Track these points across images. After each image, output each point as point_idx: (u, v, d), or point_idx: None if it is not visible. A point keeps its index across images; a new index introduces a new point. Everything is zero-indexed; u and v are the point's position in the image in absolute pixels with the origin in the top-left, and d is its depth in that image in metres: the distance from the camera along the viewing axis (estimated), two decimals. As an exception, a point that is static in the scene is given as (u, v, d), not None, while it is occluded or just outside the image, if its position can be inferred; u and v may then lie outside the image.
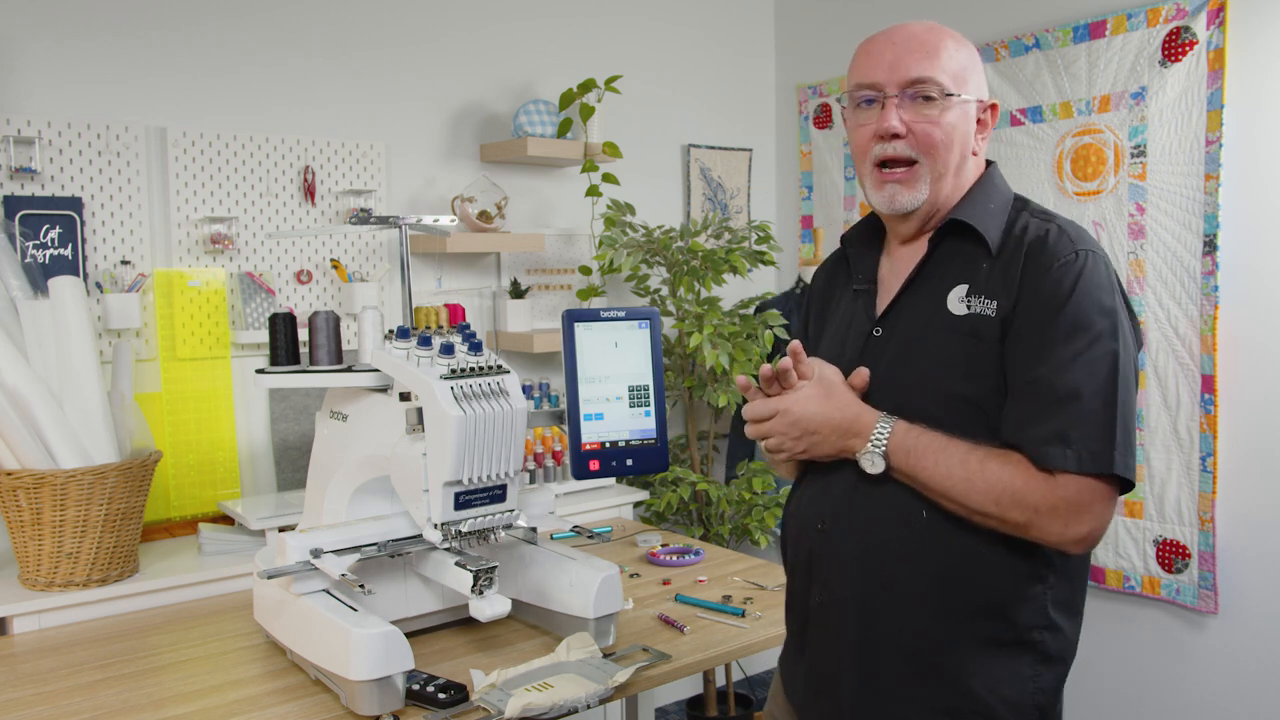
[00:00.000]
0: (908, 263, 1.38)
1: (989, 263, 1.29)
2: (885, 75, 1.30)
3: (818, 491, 1.39)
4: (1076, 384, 1.19)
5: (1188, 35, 2.64)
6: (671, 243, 3.06)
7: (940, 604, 1.28)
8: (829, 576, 1.36)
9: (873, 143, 1.32)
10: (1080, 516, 1.20)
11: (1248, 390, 2.62)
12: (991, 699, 1.27)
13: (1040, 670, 1.30)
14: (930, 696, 1.29)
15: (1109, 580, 2.90)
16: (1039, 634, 1.29)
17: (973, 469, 1.22)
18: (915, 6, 3.33)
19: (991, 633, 1.27)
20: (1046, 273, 1.23)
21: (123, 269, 2.47)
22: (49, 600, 2.04)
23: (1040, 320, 1.23)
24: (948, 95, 1.29)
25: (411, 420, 1.69)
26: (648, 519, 3.10)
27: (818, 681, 1.40)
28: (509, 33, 3.17)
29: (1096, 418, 1.19)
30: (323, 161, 2.79)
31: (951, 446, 1.24)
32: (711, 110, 3.69)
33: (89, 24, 2.46)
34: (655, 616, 1.98)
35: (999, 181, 1.39)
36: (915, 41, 1.30)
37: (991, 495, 1.21)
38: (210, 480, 2.60)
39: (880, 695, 1.31)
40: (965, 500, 1.23)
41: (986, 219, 1.32)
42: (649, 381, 1.54)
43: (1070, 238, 1.26)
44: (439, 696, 1.54)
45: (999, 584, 1.27)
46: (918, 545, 1.29)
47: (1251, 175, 2.58)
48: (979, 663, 1.27)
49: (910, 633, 1.29)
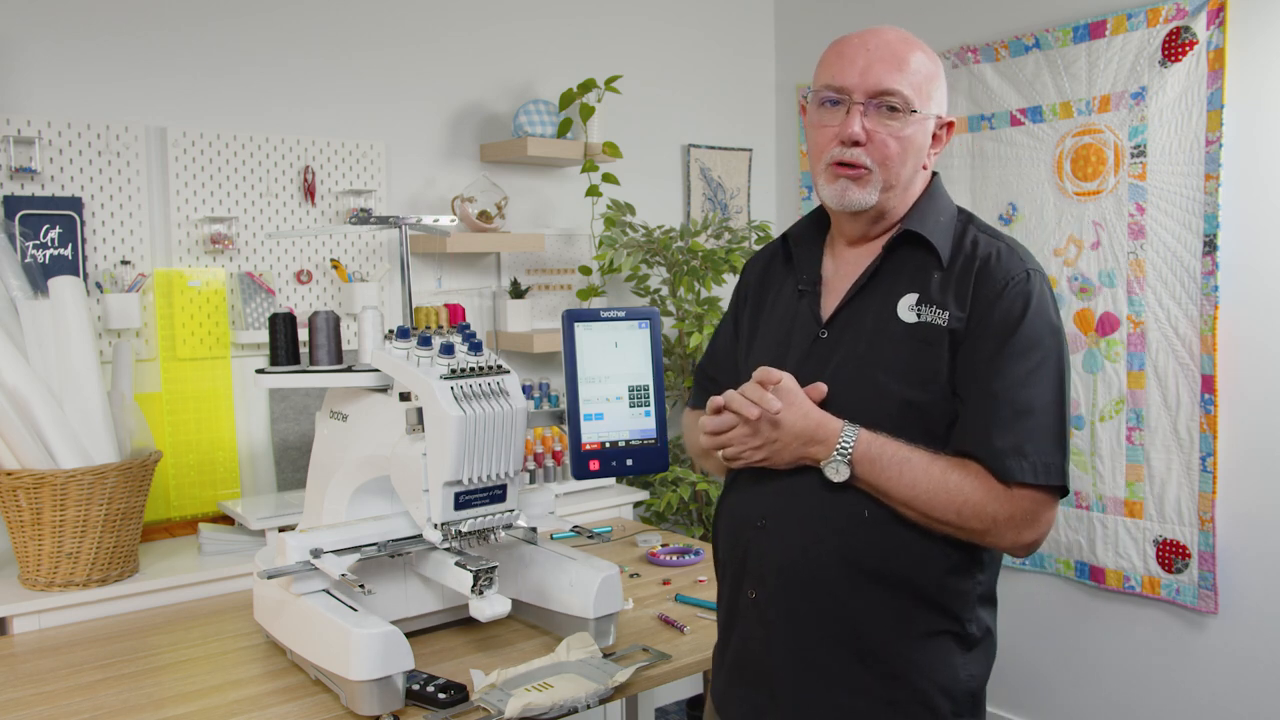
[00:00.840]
0: (854, 266, 1.40)
1: (940, 273, 1.33)
2: (855, 80, 1.32)
3: (755, 490, 1.40)
4: (1030, 400, 1.25)
5: (1188, 35, 2.64)
6: (671, 243, 3.06)
7: (879, 597, 1.31)
8: (764, 573, 1.37)
9: (832, 144, 1.34)
10: (1033, 525, 1.27)
11: (1248, 390, 2.62)
12: (929, 687, 1.32)
13: (968, 658, 1.35)
14: (870, 687, 1.31)
15: (1109, 580, 2.90)
16: (969, 625, 1.34)
17: (935, 480, 1.25)
18: (914, 6, 3.33)
19: (927, 624, 1.32)
20: (1002, 292, 1.29)
21: (123, 269, 2.47)
22: (49, 600, 2.04)
23: (996, 338, 1.28)
24: (911, 110, 1.31)
25: (411, 420, 1.69)
26: (648, 519, 3.10)
27: (749, 677, 1.40)
28: (509, 33, 3.17)
29: (1048, 432, 1.26)
30: (323, 161, 2.79)
31: (914, 457, 1.27)
32: (711, 110, 3.69)
33: (89, 24, 2.46)
34: (655, 616, 1.98)
35: (943, 193, 1.42)
36: (888, 50, 1.32)
37: (954, 506, 1.25)
38: (210, 480, 2.60)
39: (820, 688, 1.33)
40: (928, 510, 1.26)
41: (937, 231, 1.35)
42: (649, 381, 1.54)
43: (1019, 256, 1.33)
44: (439, 696, 1.54)
45: (934, 578, 1.32)
46: (858, 541, 1.31)
47: (1251, 175, 2.58)
48: (916, 653, 1.32)
49: (849, 626, 1.31)
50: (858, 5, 3.53)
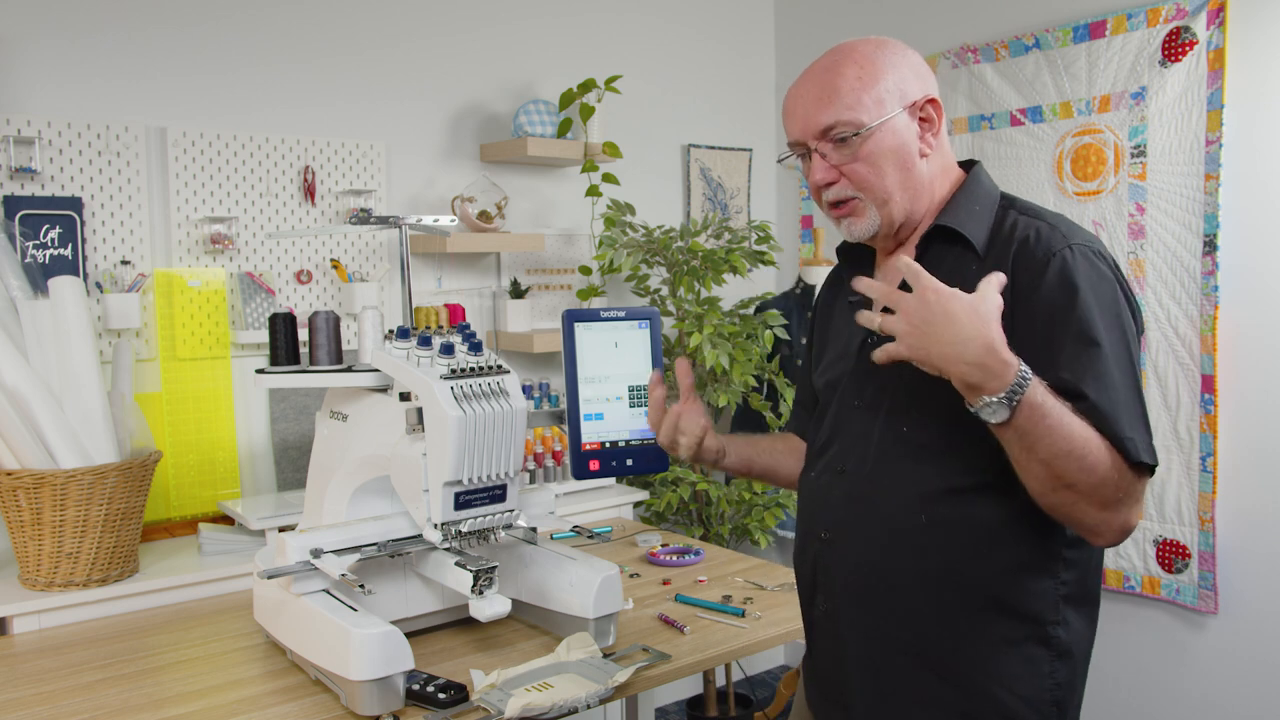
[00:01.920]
0: (896, 272, 1.38)
1: (978, 263, 1.29)
2: (801, 131, 1.33)
3: (817, 502, 1.39)
4: (1107, 386, 1.17)
5: (1188, 35, 2.64)
6: (671, 243, 3.06)
7: (947, 605, 1.27)
8: (833, 586, 1.36)
9: (819, 191, 1.36)
10: (1137, 505, 1.19)
11: (1248, 390, 2.62)
12: (1008, 697, 1.26)
13: (1056, 665, 1.28)
14: (946, 700, 1.28)
15: (1109, 580, 2.90)
16: (1051, 628, 1.27)
17: (1090, 438, 1.14)
18: (914, 6, 3.33)
19: (1002, 630, 1.26)
20: (1043, 272, 1.22)
21: (123, 269, 2.47)
22: (49, 600, 2.04)
23: (1047, 321, 1.20)
24: (859, 131, 1.29)
25: (411, 420, 1.69)
26: (648, 519, 3.10)
27: (826, 689, 1.40)
28: (509, 33, 3.17)
29: (1133, 410, 1.18)
30: (323, 161, 2.79)
31: (1068, 412, 1.14)
32: (711, 110, 3.69)
33: (89, 24, 2.46)
34: (655, 616, 1.98)
35: (985, 181, 1.38)
36: (817, 87, 1.32)
37: (1098, 469, 1.14)
38: (210, 480, 2.60)
39: (894, 702, 1.31)
40: (1075, 468, 1.14)
41: (970, 222, 1.32)
42: (649, 381, 1.54)
43: (1062, 232, 1.25)
44: (439, 696, 1.54)
45: (1004, 580, 1.26)
46: (920, 549, 1.28)
47: (1251, 175, 2.58)
48: (992, 662, 1.26)
49: (920, 637, 1.28)
50: (858, 5, 3.53)
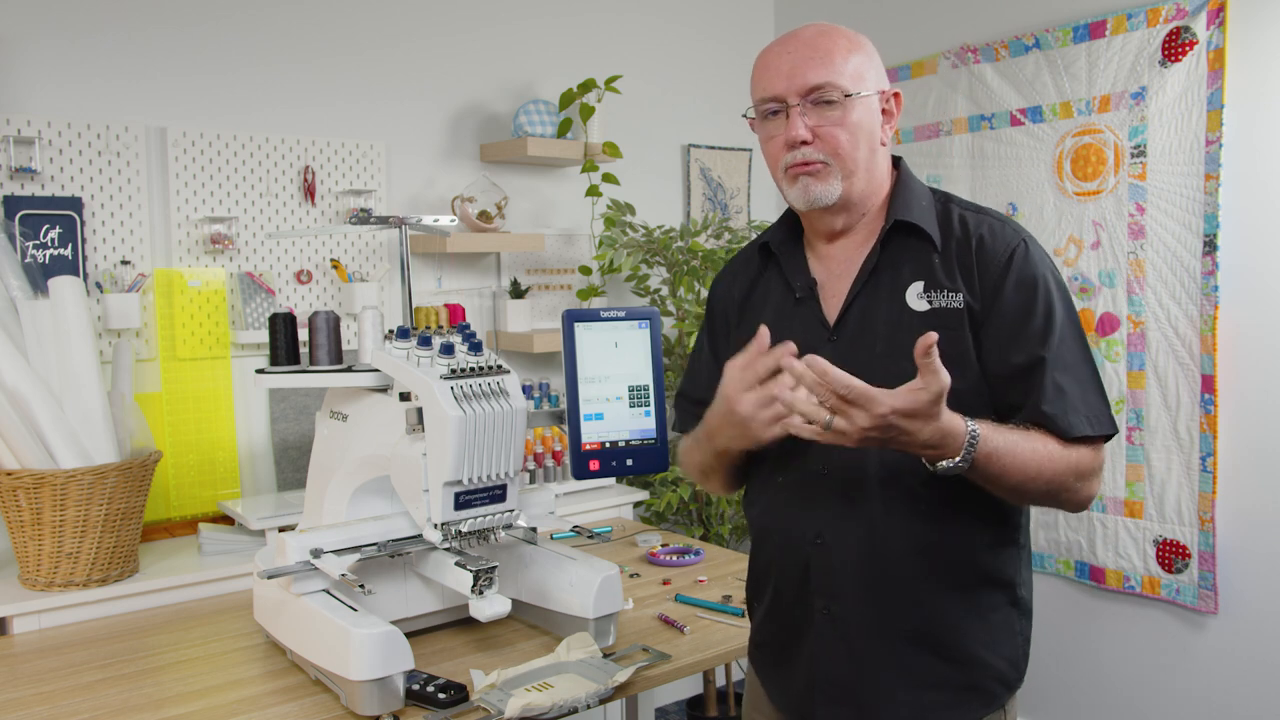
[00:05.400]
0: (846, 264, 1.39)
1: (938, 257, 1.34)
2: (785, 85, 1.33)
3: (798, 507, 1.38)
4: (1064, 358, 1.28)
5: (1188, 35, 2.64)
6: (671, 243, 3.06)
7: (946, 588, 1.33)
8: (834, 587, 1.36)
9: (784, 151, 1.35)
10: (1097, 475, 1.30)
11: (1248, 390, 2.62)
12: (997, 661, 1.35)
13: (1022, 624, 1.39)
14: (951, 679, 1.33)
15: (1109, 580, 2.90)
16: (1018, 589, 1.37)
17: (1038, 453, 1.24)
18: (914, 7, 3.33)
19: (988, 601, 1.35)
20: (1007, 267, 1.30)
21: (123, 269, 2.47)
22: (49, 600, 2.04)
23: (1015, 311, 1.29)
24: (848, 96, 1.31)
25: (411, 420, 1.69)
26: (648, 519, 3.10)
27: (832, 692, 1.39)
28: (509, 33, 3.17)
29: (1089, 383, 1.29)
30: (323, 161, 2.79)
31: (1015, 436, 1.24)
32: (711, 110, 3.69)
33: (89, 24, 2.46)
34: (655, 616, 1.98)
35: (914, 178, 1.43)
36: (809, 48, 1.33)
37: (1045, 476, 1.24)
38: (210, 480, 2.60)
39: (903, 689, 1.33)
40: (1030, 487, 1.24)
41: (925, 217, 1.37)
42: (649, 381, 1.54)
43: (1011, 228, 1.35)
44: (439, 696, 1.54)
45: (988, 555, 1.34)
46: (917, 540, 1.32)
47: (1251, 175, 2.58)
48: (984, 633, 1.34)
49: (923, 622, 1.33)
50: (858, 5, 3.53)
